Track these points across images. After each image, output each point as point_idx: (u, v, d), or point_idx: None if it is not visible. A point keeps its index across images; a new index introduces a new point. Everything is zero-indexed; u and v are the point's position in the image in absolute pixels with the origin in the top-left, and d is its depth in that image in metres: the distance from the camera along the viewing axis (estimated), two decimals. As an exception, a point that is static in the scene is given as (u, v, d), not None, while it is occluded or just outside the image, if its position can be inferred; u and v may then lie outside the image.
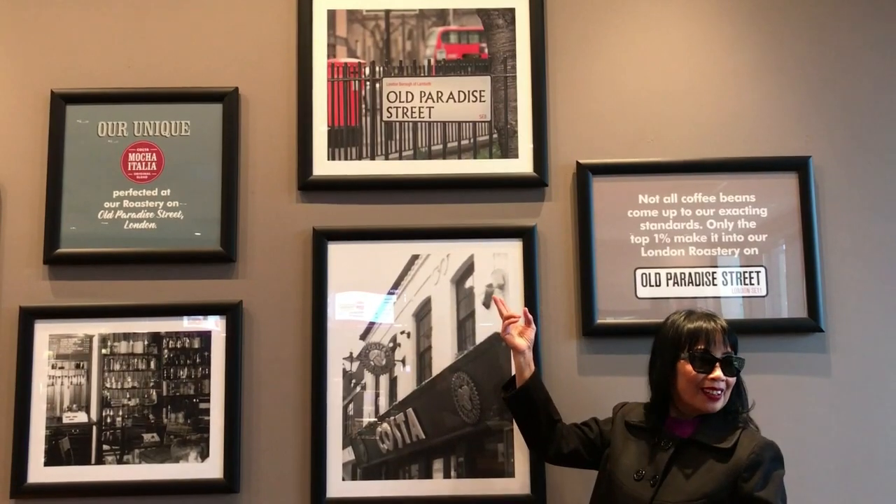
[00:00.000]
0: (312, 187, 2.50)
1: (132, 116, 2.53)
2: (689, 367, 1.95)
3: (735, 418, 1.98)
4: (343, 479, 2.39)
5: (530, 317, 2.27)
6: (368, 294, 2.47)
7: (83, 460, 2.38)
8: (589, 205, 2.48)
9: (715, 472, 1.89)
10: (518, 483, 2.39)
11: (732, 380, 1.96)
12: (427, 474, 2.40)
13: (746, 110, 2.56)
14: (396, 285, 2.47)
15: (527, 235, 2.47)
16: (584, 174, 2.49)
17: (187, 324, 2.45)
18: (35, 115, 2.52)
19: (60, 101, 2.51)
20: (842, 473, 2.40)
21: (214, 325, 2.44)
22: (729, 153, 2.53)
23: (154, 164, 2.51)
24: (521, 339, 2.23)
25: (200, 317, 2.45)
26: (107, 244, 2.47)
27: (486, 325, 2.45)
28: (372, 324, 2.46)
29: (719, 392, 1.94)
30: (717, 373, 1.94)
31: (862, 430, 2.43)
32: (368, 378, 2.44)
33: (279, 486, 2.39)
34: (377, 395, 2.43)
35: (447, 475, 2.39)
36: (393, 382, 2.44)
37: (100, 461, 2.38)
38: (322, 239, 2.47)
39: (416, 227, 2.49)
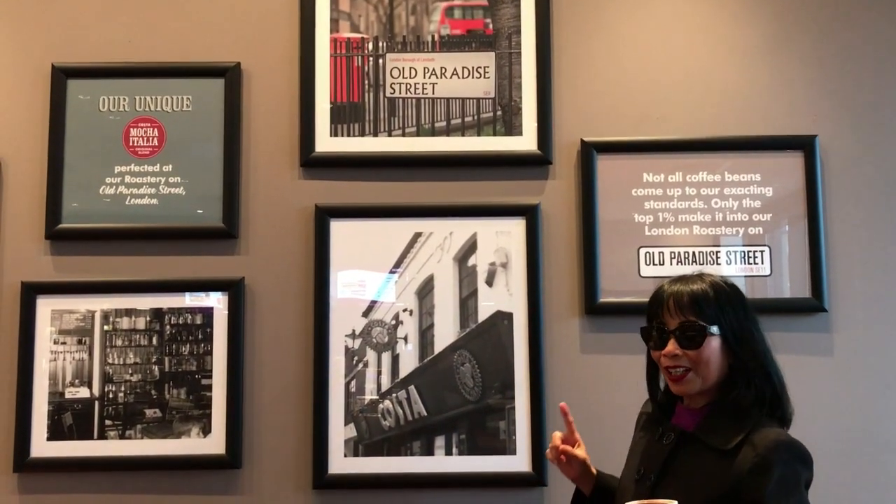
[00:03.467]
0: (315, 164, 2.48)
1: (133, 91, 2.51)
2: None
3: (749, 411, 1.59)
4: (345, 456, 2.39)
5: (573, 428, 1.86)
6: (371, 271, 2.46)
7: (86, 435, 2.39)
8: (593, 183, 2.46)
9: (715, 476, 1.55)
10: (519, 460, 2.39)
11: (699, 354, 1.58)
12: (429, 451, 2.40)
13: (753, 88, 2.54)
14: (399, 263, 2.47)
15: (530, 213, 2.46)
16: (589, 152, 2.47)
17: (189, 300, 2.44)
18: (36, 89, 2.51)
19: (61, 76, 2.49)
20: (843, 454, 2.40)
21: (216, 302, 2.43)
22: (734, 132, 2.51)
23: (155, 139, 2.50)
24: (581, 451, 1.82)
25: (202, 293, 2.44)
26: (109, 220, 2.46)
27: (489, 303, 2.44)
28: (374, 301, 2.46)
29: (681, 371, 1.60)
30: (670, 346, 1.60)
31: (864, 411, 2.43)
32: (370, 355, 2.44)
33: (281, 461, 2.39)
34: (379, 373, 2.43)
35: (449, 452, 2.40)
36: (395, 360, 2.44)
37: (102, 436, 2.39)
38: (324, 216, 2.45)
39: (418, 205, 2.47)
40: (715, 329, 1.59)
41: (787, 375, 1.79)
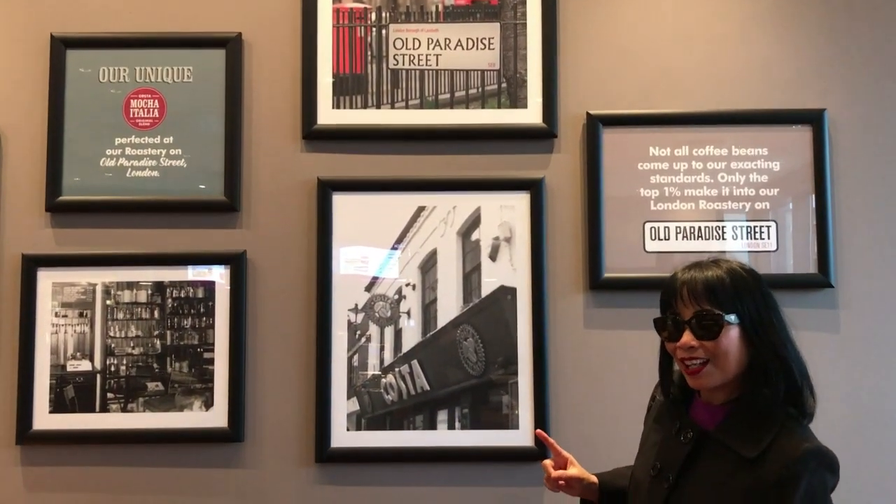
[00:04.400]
0: (317, 136, 2.46)
1: (134, 62, 2.48)
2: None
3: (772, 412, 1.50)
4: (347, 430, 2.39)
5: (558, 449, 1.83)
6: (374, 245, 2.44)
7: (88, 408, 2.38)
8: (598, 157, 2.44)
9: (739, 485, 1.47)
10: (522, 435, 2.38)
11: (717, 345, 1.50)
12: (431, 425, 2.40)
13: (761, 61, 2.50)
14: (402, 237, 2.45)
15: (535, 188, 2.43)
16: (595, 125, 2.44)
17: (191, 273, 2.43)
18: (35, 59, 2.48)
19: (60, 46, 2.46)
20: (849, 430, 2.39)
21: (218, 275, 2.42)
22: (742, 105, 2.48)
23: (156, 110, 2.47)
24: (574, 469, 1.78)
25: (204, 266, 2.43)
26: (109, 192, 2.44)
27: (492, 278, 2.43)
28: (377, 275, 2.44)
29: (698, 363, 1.52)
30: (685, 338, 1.53)
31: (870, 387, 2.41)
32: (373, 330, 2.43)
33: (283, 435, 2.39)
34: (382, 347, 2.42)
35: (451, 427, 2.39)
36: (398, 334, 2.43)
37: (104, 409, 2.39)
38: (327, 189, 2.43)
39: (422, 179, 2.45)
40: (732, 318, 1.51)
41: None
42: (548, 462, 1.79)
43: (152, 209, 2.44)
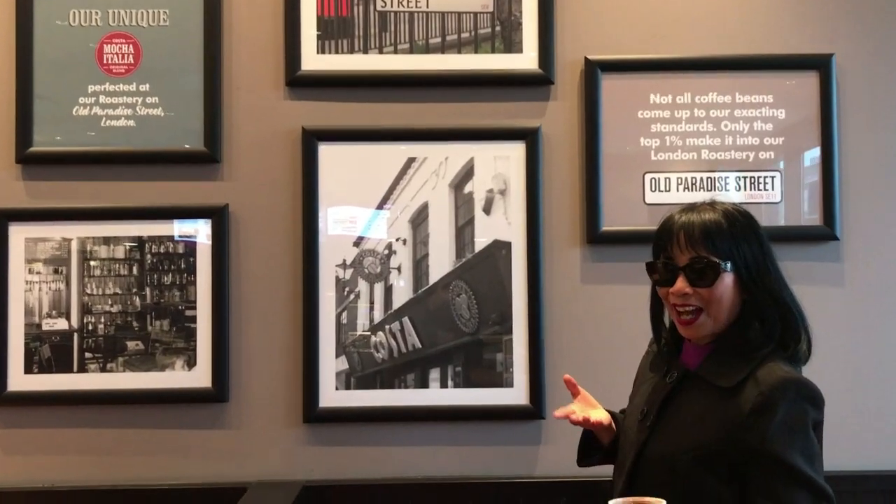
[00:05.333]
0: (301, 83, 2.36)
1: (106, 4, 2.36)
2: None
3: (756, 348, 1.48)
4: (336, 389, 2.33)
5: (575, 385, 1.75)
6: (362, 198, 2.36)
7: (65, 368, 2.31)
8: (597, 104, 2.35)
9: (716, 416, 1.45)
10: (516, 393, 2.33)
11: (711, 292, 1.47)
12: (423, 384, 2.34)
13: (766, 3, 2.41)
14: (392, 190, 2.37)
15: (530, 137, 2.35)
16: (593, 71, 2.35)
17: (171, 228, 2.34)
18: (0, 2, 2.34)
19: (27, -14, 2.33)
20: (852, 383, 2.35)
21: (200, 230, 2.33)
22: (746, 50, 2.39)
23: (131, 56, 2.35)
24: (599, 413, 1.68)
25: (184, 220, 2.34)
26: (83, 142, 2.34)
27: (486, 232, 2.35)
28: (366, 230, 2.36)
29: (691, 313, 1.49)
30: (678, 284, 1.49)
31: (874, 340, 2.37)
32: (362, 286, 2.35)
33: (270, 395, 2.33)
34: (371, 304, 2.35)
35: (444, 385, 2.34)
36: (388, 291, 2.36)
37: (82, 369, 2.31)
38: (312, 139, 2.34)
39: (412, 128, 2.36)
40: (729, 265, 1.48)
41: None
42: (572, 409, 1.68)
43: (129, 161, 2.35)
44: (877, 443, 2.35)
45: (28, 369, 2.29)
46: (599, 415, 1.68)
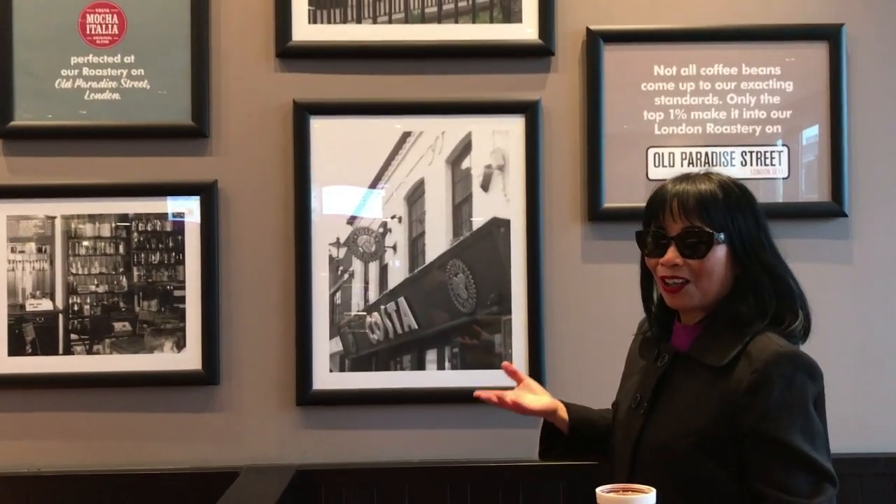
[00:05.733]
0: (292, 54, 2.27)
1: (88, -28, 2.27)
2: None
3: (748, 324, 1.43)
4: (330, 371, 2.27)
5: (516, 373, 1.74)
6: (356, 175, 2.29)
7: (50, 350, 2.24)
8: (599, 77, 2.28)
9: (710, 398, 1.41)
10: (516, 375, 2.27)
11: (702, 264, 1.42)
12: (420, 366, 2.28)
13: (775, -28, 2.33)
14: (386, 165, 2.29)
15: (530, 111, 2.28)
16: (595, 42, 2.28)
17: (158, 205, 2.26)
18: (-22, -31, 2.26)
19: (5, -47, 2.24)
20: (860, 363, 2.30)
21: (188, 207, 2.26)
22: (753, 20, 2.31)
23: (115, 26, 2.27)
24: (534, 398, 1.65)
25: (172, 197, 2.27)
26: (66, 116, 2.26)
27: (484, 209, 2.29)
28: (360, 207, 2.29)
29: (678, 283, 1.44)
30: (669, 255, 1.44)
31: (882, 319, 2.32)
32: (357, 265, 2.29)
33: (262, 377, 2.27)
34: (366, 284, 2.29)
35: (441, 367, 2.28)
36: (383, 270, 2.29)
37: (68, 351, 2.24)
38: (304, 113, 2.26)
39: (407, 101, 2.29)
40: (722, 236, 1.44)
41: (803, 283, 1.63)
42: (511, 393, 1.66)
43: (114, 135, 2.27)
44: (884, 424, 2.30)
45: (12, 351, 2.23)
46: (538, 402, 1.62)
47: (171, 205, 2.26)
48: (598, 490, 1.27)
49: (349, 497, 2.23)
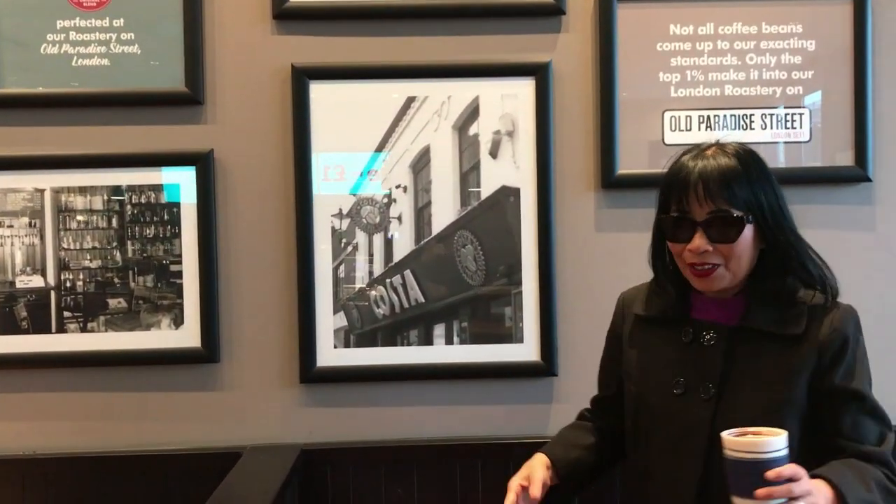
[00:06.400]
0: (290, 16, 2.18)
1: (73, -70, 2.16)
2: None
3: (795, 291, 1.43)
4: (335, 347, 2.20)
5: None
6: (358, 142, 2.20)
7: (42, 328, 2.17)
8: (612, 37, 2.19)
9: (787, 367, 1.40)
10: (527, 349, 2.21)
11: (733, 248, 1.39)
12: (427, 341, 2.21)
13: (797, -76, 2.22)
14: (390, 132, 2.21)
15: (540, 73, 2.19)
16: (608, 0, 2.18)
17: (152, 176, 2.18)
18: (-43, -72, 2.14)
19: (-16, -90, 2.12)
20: (884, 331, 2.22)
21: (183, 178, 2.17)
22: (774, -24, 2.22)
23: (103, -12, 2.17)
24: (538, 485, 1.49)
25: (167, 168, 2.18)
26: (53, 83, 2.17)
27: (493, 177, 2.20)
28: (363, 176, 2.20)
29: (709, 268, 1.40)
30: (697, 241, 1.39)
31: (906, 288, 2.25)
32: (360, 237, 2.20)
33: (264, 354, 2.20)
34: (371, 256, 2.21)
35: (449, 342, 2.21)
36: (388, 242, 2.21)
37: (61, 329, 2.16)
38: (302, 77, 2.17)
39: (411, 64, 2.20)
40: (750, 217, 1.40)
41: (824, 251, 1.58)
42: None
43: (104, 103, 2.18)
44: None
45: (3, 330, 2.15)
46: (538, 489, 1.47)
47: (166, 176, 2.18)
48: (724, 434, 1.26)
49: (356, 476, 2.18)
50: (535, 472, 1.50)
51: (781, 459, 1.23)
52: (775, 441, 1.24)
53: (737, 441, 1.24)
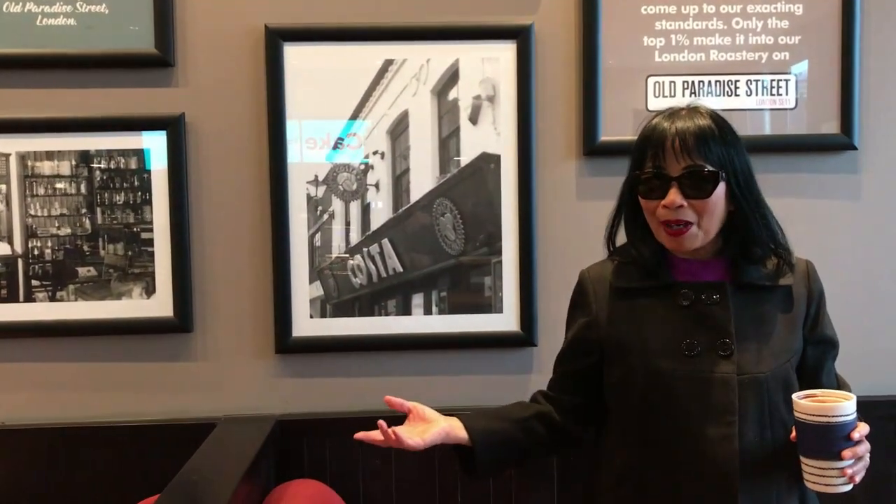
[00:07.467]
0: (263, -26, 2.10)
1: None
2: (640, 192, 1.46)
3: (767, 246, 1.47)
4: (311, 317, 2.15)
5: (402, 405, 1.60)
6: (334, 107, 2.14)
7: (10, 297, 2.11)
8: (596, -2, 2.12)
9: (788, 317, 1.47)
10: (506, 319, 2.18)
11: (706, 204, 1.40)
12: (405, 310, 2.17)
13: None
14: (367, 96, 2.14)
15: (522, 36, 2.13)
16: (592, -40, 2.11)
17: (121, 140, 2.11)
18: None
19: None
20: (867, 301, 2.22)
21: (153, 142, 2.10)
22: (762, -64, 2.15)
23: (67, -57, 2.08)
24: (413, 432, 1.51)
25: (136, 132, 2.11)
26: (16, 44, 2.09)
27: (473, 144, 2.15)
28: (339, 142, 2.14)
29: (682, 226, 1.41)
30: (672, 196, 1.40)
31: (892, 257, 2.23)
32: (336, 205, 2.15)
33: (238, 324, 2.16)
34: (348, 224, 2.16)
35: (428, 311, 2.17)
36: (365, 210, 2.16)
37: (29, 298, 2.11)
38: (276, 39, 2.10)
39: (389, 26, 2.13)
40: (723, 174, 1.42)
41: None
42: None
43: (70, 65, 2.10)
44: (891, 366, 2.22)
45: (-31, 300, 2.10)
46: (418, 435, 1.48)
47: (136, 140, 2.11)
48: (797, 399, 1.35)
49: (332, 447, 2.14)
50: (431, 425, 1.50)
51: (853, 422, 1.33)
52: (848, 405, 1.33)
53: (813, 406, 1.33)
